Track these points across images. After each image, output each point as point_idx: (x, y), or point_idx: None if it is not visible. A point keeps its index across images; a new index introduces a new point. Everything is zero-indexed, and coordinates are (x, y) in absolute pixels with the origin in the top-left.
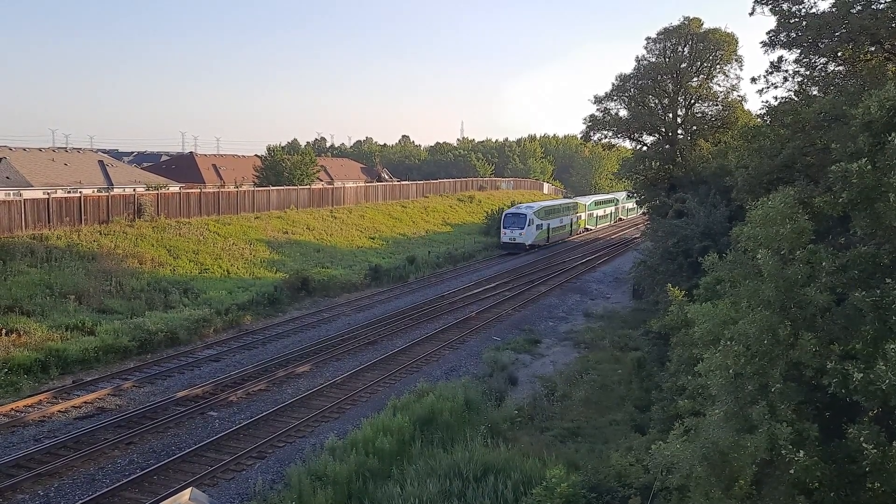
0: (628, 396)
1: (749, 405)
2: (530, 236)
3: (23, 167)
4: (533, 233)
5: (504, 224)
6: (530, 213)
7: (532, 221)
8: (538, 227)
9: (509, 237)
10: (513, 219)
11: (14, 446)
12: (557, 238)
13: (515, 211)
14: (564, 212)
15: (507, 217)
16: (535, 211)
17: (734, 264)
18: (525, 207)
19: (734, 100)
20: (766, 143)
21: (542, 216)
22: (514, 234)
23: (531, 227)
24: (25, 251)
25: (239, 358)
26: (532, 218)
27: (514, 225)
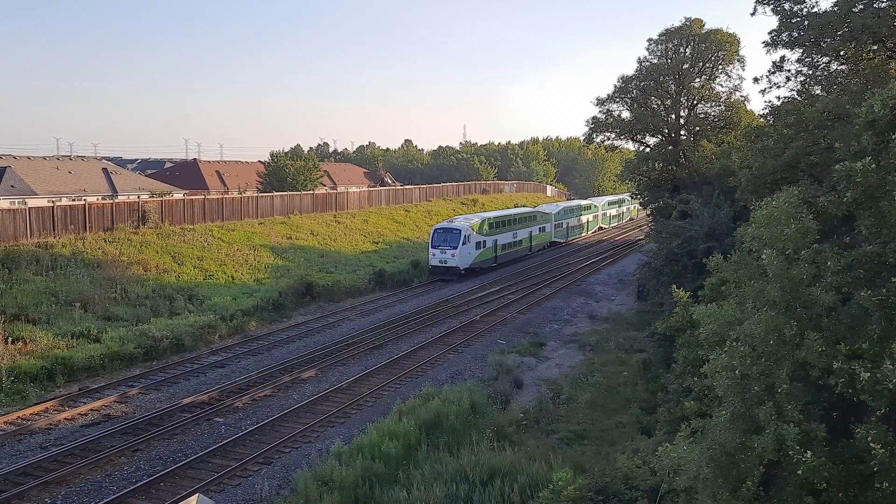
0: (634, 398)
1: (756, 406)
2: (466, 258)
3: (27, 175)
4: (470, 253)
5: (433, 242)
6: (465, 229)
7: (469, 239)
8: (479, 245)
9: (439, 259)
10: (443, 236)
11: (21, 454)
12: (515, 255)
13: (447, 226)
14: (525, 222)
15: (436, 234)
16: (476, 224)
17: (739, 265)
18: (462, 220)
19: (737, 100)
20: (769, 143)
21: (486, 231)
22: (444, 257)
23: (467, 245)
24: (31, 259)
25: (244, 364)
26: (469, 234)
27: (444, 244)
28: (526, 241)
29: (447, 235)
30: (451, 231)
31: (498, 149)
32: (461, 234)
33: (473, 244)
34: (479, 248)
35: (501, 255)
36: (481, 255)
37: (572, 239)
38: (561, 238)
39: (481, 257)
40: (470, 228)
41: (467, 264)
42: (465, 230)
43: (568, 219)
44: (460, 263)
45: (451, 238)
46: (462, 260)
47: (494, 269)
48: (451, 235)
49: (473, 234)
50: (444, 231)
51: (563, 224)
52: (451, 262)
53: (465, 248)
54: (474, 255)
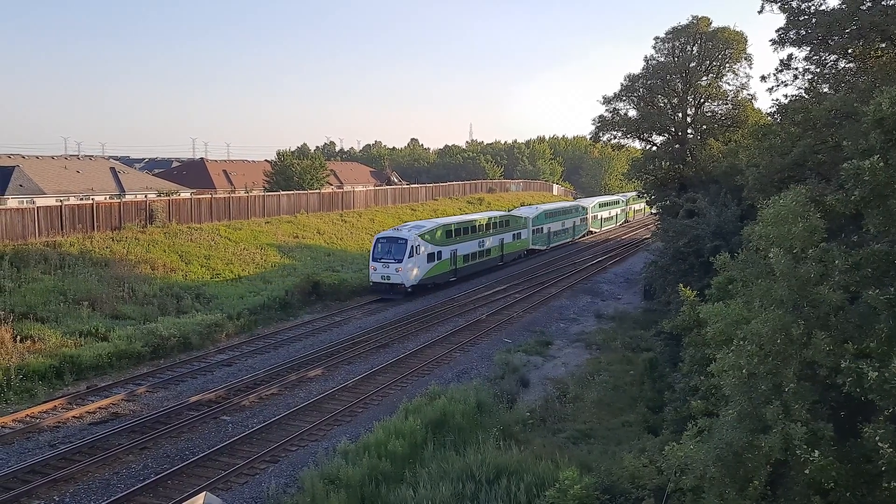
0: (641, 397)
1: (763, 405)
2: (414, 272)
3: (36, 175)
4: (419, 266)
5: (374, 254)
6: (413, 238)
7: (418, 250)
8: (432, 258)
9: (381, 274)
10: (386, 246)
11: (29, 452)
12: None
13: (391, 235)
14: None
15: (378, 244)
16: (429, 232)
17: (746, 264)
18: (411, 227)
19: (744, 98)
20: (776, 142)
21: (441, 240)
22: (386, 271)
23: (416, 257)
24: (39, 258)
25: (251, 362)
26: (417, 244)
27: (387, 256)
28: (496, 249)
29: (391, 246)
30: (395, 241)
31: (504, 147)
32: (407, 245)
33: (424, 256)
34: (432, 261)
35: (463, 266)
36: (436, 268)
37: (555, 245)
38: (541, 245)
39: (436, 271)
40: (419, 238)
41: (416, 280)
42: (412, 240)
43: (549, 223)
44: (406, 279)
45: (396, 249)
46: (408, 275)
47: (453, 283)
48: (395, 246)
49: (424, 243)
50: (388, 241)
51: (544, 229)
52: (395, 278)
53: (412, 261)
54: (426, 269)
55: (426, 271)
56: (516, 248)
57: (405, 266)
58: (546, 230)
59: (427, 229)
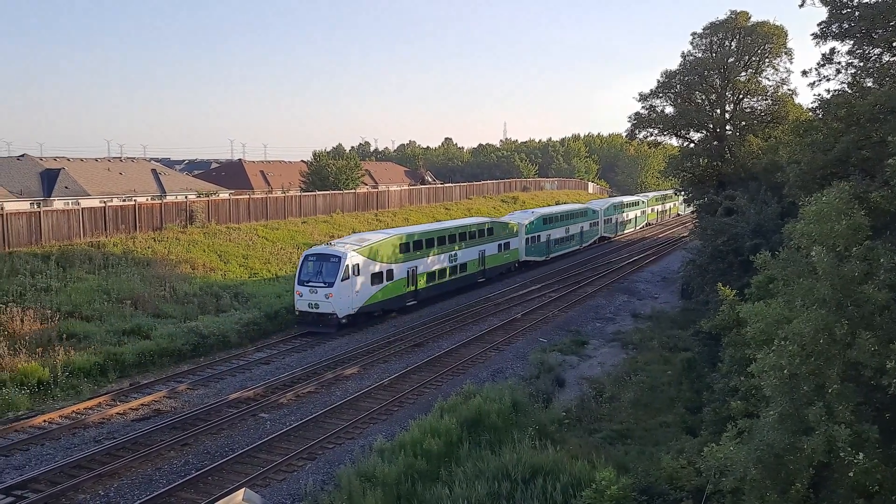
0: (678, 398)
1: (805, 406)
2: (351, 299)
3: (80, 177)
4: (358, 291)
5: (300, 276)
6: (350, 256)
7: (358, 270)
8: (378, 279)
9: (307, 302)
10: (315, 266)
11: (75, 447)
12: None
13: (322, 251)
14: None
15: (306, 264)
16: (376, 246)
17: (787, 262)
18: (352, 241)
19: (784, 94)
20: (818, 138)
21: (393, 256)
22: (314, 298)
23: (352, 280)
24: (84, 258)
25: (288, 361)
26: (356, 263)
27: (316, 278)
28: (474, 264)
29: (321, 265)
30: (326, 259)
31: (539, 146)
32: (341, 264)
33: (366, 276)
34: (378, 282)
35: (428, 287)
36: (384, 291)
37: (557, 255)
38: (538, 255)
39: (385, 294)
40: (359, 254)
41: (353, 308)
42: (348, 257)
43: (549, 230)
44: (339, 307)
45: (327, 269)
46: (342, 302)
47: (410, 309)
48: (326, 265)
49: (367, 261)
50: (317, 259)
51: (542, 237)
52: (325, 307)
53: (347, 285)
54: (368, 293)
55: (369, 296)
56: (503, 260)
57: (338, 291)
58: (545, 238)
59: (372, 243)
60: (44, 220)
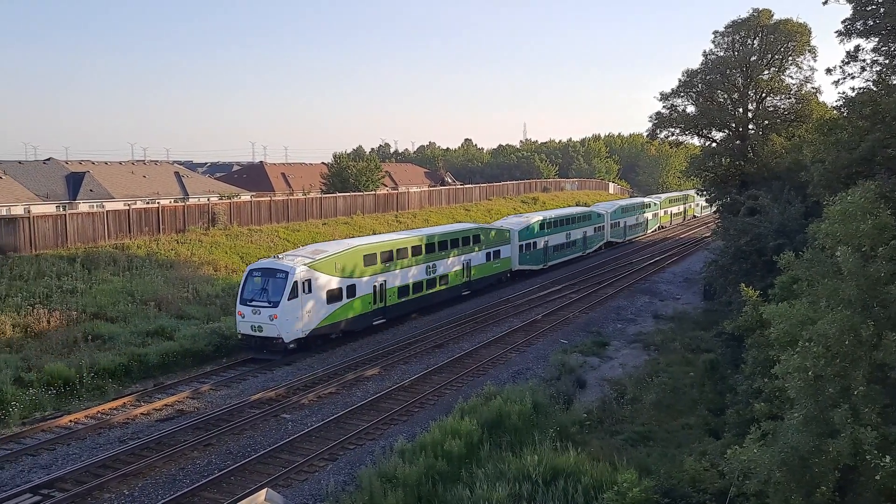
0: (701, 400)
1: (830, 408)
2: (301, 320)
3: (105, 180)
4: (310, 311)
5: (242, 294)
6: (300, 271)
7: (309, 286)
8: (336, 296)
9: (250, 324)
10: (260, 282)
11: (101, 447)
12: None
13: (268, 265)
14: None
15: (249, 280)
16: (333, 258)
17: (811, 262)
18: (307, 252)
19: (808, 92)
20: (843, 136)
21: (356, 270)
22: (257, 320)
23: (302, 298)
24: (108, 260)
25: (309, 361)
26: (308, 279)
27: (260, 297)
28: (457, 275)
29: (266, 281)
30: (272, 274)
31: (559, 146)
32: (288, 280)
33: (321, 294)
34: (336, 300)
35: (399, 303)
36: (343, 310)
37: (556, 262)
38: (534, 264)
39: (345, 314)
40: (311, 269)
41: (303, 330)
42: (298, 272)
43: (548, 235)
44: (285, 331)
45: (273, 286)
46: (290, 324)
47: (374, 330)
48: (272, 282)
49: (321, 276)
50: (263, 274)
51: (539, 244)
52: (269, 330)
53: (294, 304)
54: (324, 313)
55: (324, 316)
56: (492, 270)
57: (284, 311)
58: (542, 245)
59: (329, 255)
60: (69, 223)
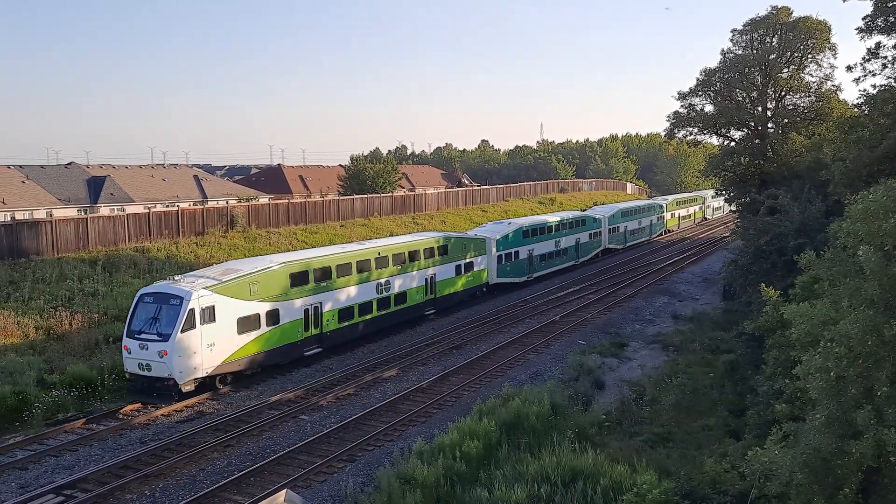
0: (721, 401)
1: (853, 410)
2: (198, 357)
3: (125, 184)
4: (211, 344)
5: (130, 325)
6: (199, 295)
7: (211, 315)
8: (252, 324)
9: (138, 361)
10: (150, 309)
11: (122, 448)
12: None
13: (161, 290)
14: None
15: (140, 307)
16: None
17: (833, 262)
18: (214, 274)
19: (828, 90)
20: (864, 134)
21: (281, 292)
22: (144, 356)
23: (202, 330)
24: (129, 263)
25: (328, 363)
26: (210, 305)
27: (149, 328)
28: (418, 292)
29: (158, 310)
30: (164, 300)
31: (576, 147)
32: (182, 308)
33: (231, 322)
34: (251, 329)
35: (342, 328)
36: (262, 341)
37: (544, 273)
38: (516, 276)
39: (262, 346)
40: (218, 293)
41: (204, 369)
42: (193, 298)
43: (532, 244)
44: (179, 370)
45: (165, 316)
46: (184, 362)
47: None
48: (164, 310)
49: (230, 301)
50: (154, 300)
51: (521, 253)
52: (158, 369)
53: (193, 338)
54: (231, 347)
55: (235, 349)
56: (464, 285)
57: (176, 346)
58: (526, 255)
59: (242, 276)
60: (90, 227)
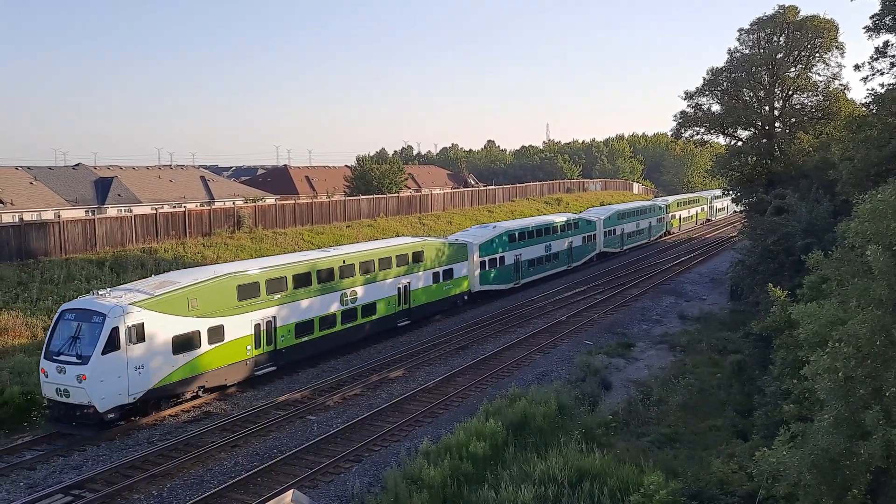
0: (729, 401)
1: (861, 410)
2: (125, 380)
3: (133, 185)
4: (138, 367)
5: (50, 344)
6: (124, 312)
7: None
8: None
9: (56, 386)
10: (70, 327)
11: (130, 448)
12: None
13: (82, 305)
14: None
15: (61, 324)
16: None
17: (841, 262)
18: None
19: (836, 89)
20: (872, 133)
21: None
22: (62, 380)
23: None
24: (136, 264)
25: (334, 363)
26: (139, 323)
27: (69, 348)
28: (389, 302)
29: (78, 328)
30: (86, 318)
31: (582, 147)
32: (103, 327)
33: (164, 343)
34: (187, 349)
35: (301, 344)
36: (201, 361)
37: (532, 279)
38: (502, 282)
39: (203, 366)
40: (148, 309)
41: (130, 394)
42: (117, 315)
43: (520, 249)
44: (99, 396)
45: (85, 335)
46: (106, 387)
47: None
48: (84, 329)
49: (162, 317)
50: (75, 318)
51: (508, 259)
52: (77, 395)
53: (116, 360)
54: (165, 369)
55: (169, 371)
56: (441, 294)
57: (97, 369)
58: (513, 260)
59: (177, 289)
60: (98, 227)
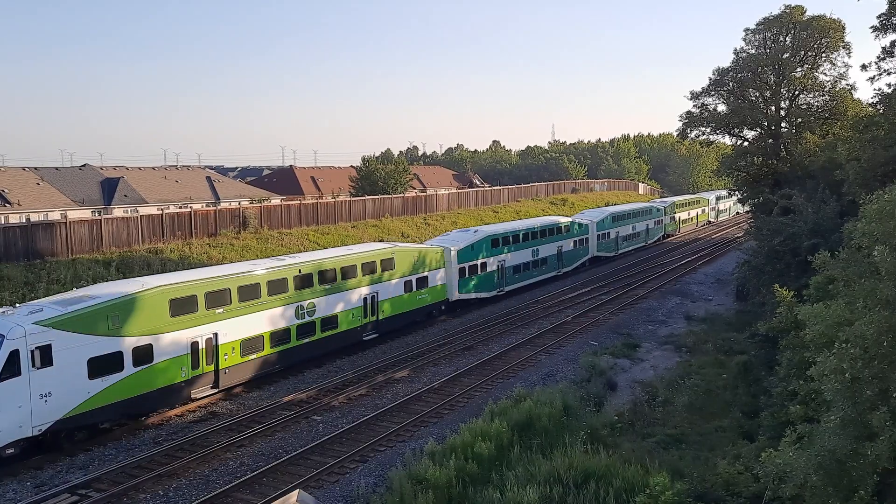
0: (735, 402)
1: (868, 411)
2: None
3: (139, 185)
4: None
5: None
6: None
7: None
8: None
9: None
10: None
11: (136, 448)
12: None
13: None
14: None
15: None
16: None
17: (847, 262)
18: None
19: (842, 89)
20: (879, 133)
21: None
22: None
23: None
24: (142, 264)
25: (340, 363)
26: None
27: None
28: (353, 315)
29: None
30: None
31: (588, 147)
32: (3, 349)
33: (77, 366)
34: (107, 372)
35: (248, 363)
36: (125, 386)
37: (517, 286)
38: (485, 290)
39: (127, 391)
40: (56, 329)
41: (37, 426)
42: (18, 336)
43: (504, 254)
44: None
45: None
46: (4, 417)
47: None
48: None
49: (75, 337)
50: None
51: (491, 265)
52: None
53: (15, 387)
54: (81, 396)
55: (84, 398)
56: (415, 303)
57: None
58: (496, 266)
59: (95, 305)
60: (104, 228)
